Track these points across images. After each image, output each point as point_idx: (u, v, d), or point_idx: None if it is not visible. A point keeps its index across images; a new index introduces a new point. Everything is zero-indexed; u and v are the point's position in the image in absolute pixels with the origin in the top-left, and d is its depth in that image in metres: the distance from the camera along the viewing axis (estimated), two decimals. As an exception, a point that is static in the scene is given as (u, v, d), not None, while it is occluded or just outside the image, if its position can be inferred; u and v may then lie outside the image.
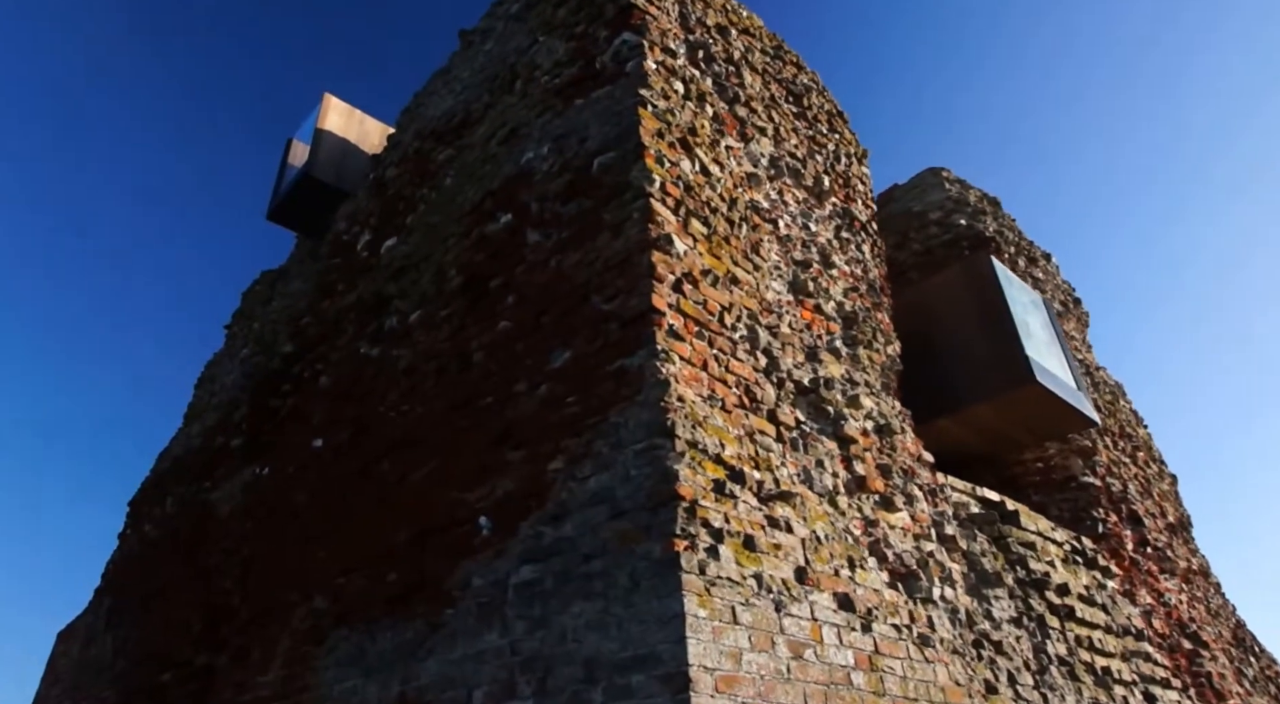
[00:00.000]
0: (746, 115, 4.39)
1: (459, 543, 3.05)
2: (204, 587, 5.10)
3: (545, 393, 3.15)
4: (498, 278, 3.71)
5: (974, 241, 7.15)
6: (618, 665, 2.01)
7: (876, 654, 2.44)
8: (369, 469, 3.86)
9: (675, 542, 2.18)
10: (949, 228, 7.32)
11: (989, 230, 7.29)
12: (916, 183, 7.99)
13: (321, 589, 3.68)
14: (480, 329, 3.66)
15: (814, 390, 3.50)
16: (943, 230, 7.33)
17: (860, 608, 2.53)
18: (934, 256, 7.14)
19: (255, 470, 5.21)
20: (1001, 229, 7.51)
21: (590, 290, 3.20)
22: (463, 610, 2.78)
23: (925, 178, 8.00)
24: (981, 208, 7.59)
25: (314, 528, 4.07)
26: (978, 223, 7.33)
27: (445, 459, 3.40)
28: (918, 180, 8.04)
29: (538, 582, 2.53)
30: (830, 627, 2.37)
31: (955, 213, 7.43)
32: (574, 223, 3.44)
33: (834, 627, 2.38)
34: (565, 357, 3.16)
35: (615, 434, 2.73)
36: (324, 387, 4.70)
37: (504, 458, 3.12)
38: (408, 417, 3.80)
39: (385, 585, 3.30)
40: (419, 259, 4.47)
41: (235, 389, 6.45)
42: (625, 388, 2.82)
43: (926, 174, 8.05)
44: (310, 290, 6.11)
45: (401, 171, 5.50)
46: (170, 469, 6.94)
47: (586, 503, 2.60)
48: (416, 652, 2.81)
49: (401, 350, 4.09)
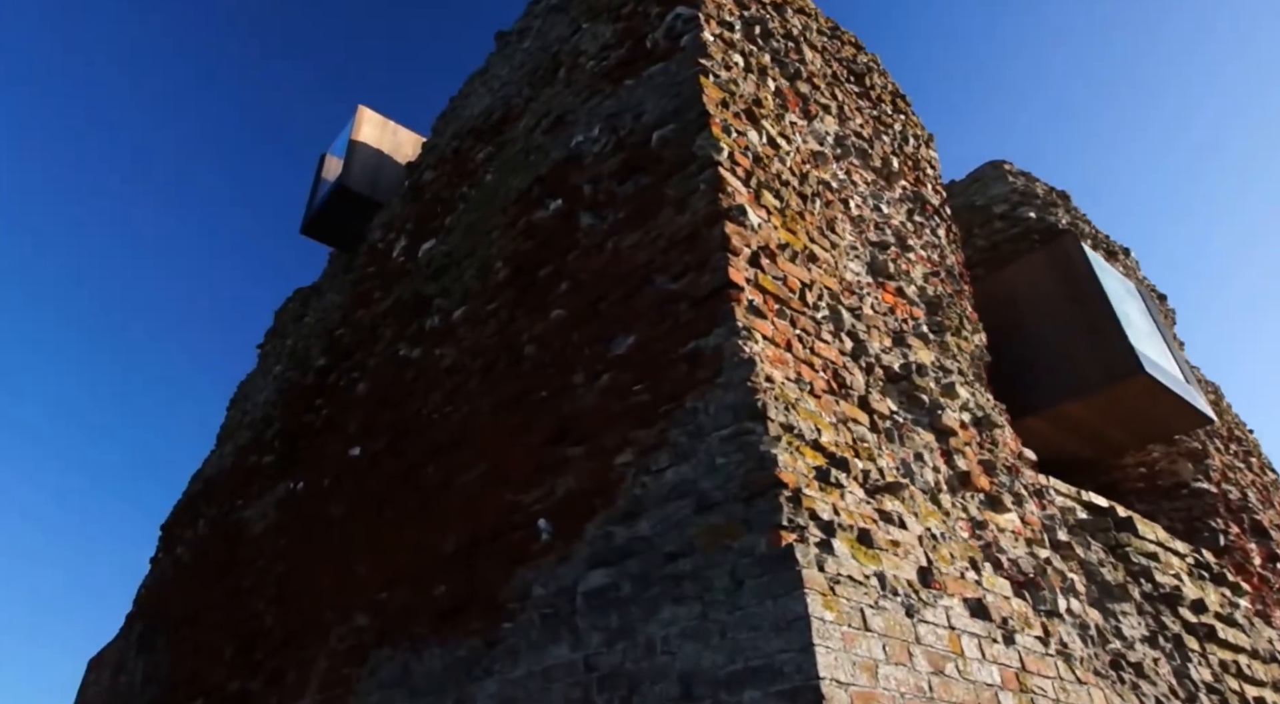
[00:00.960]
0: (809, 92, 4.17)
1: (514, 549, 2.80)
2: (236, 609, 4.91)
3: (607, 383, 2.91)
4: (548, 266, 3.51)
5: (1045, 235, 6.78)
6: (725, 681, 1.72)
7: (1024, 672, 2.10)
8: (411, 475, 3.65)
9: (781, 534, 1.90)
10: (1016, 221, 6.97)
11: (1062, 222, 6.93)
12: (976, 177, 7.67)
13: (361, 606, 3.45)
14: (531, 321, 3.45)
15: (905, 377, 3.20)
16: (1009, 224, 6.99)
17: (995, 616, 2.20)
18: (1000, 252, 6.79)
19: (289, 486, 5.05)
20: (1075, 221, 7.15)
21: (653, 270, 2.97)
22: (523, 624, 2.51)
23: (985, 171, 7.68)
24: (1052, 200, 7.24)
25: (352, 541, 3.85)
26: (1049, 215, 6.97)
27: (495, 460, 3.17)
28: (977, 174, 7.72)
29: (612, 588, 2.25)
30: (970, 637, 2.04)
31: (1022, 205, 7.08)
32: (632, 201, 3.23)
33: (973, 637, 2.05)
34: (628, 343, 2.93)
35: (693, 421, 2.47)
36: (361, 394, 4.53)
37: (563, 455, 2.88)
38: (452, 418, 3.59)
39: (432, 599, 3.05)
40: (460, 256, 4.30)
41: (268, 406, 6.35)
42: (701, 371, 2.57)
43: (986, 167, 7.73)
44: (344, 302, 6.01)
45: (439, 174, 5.39)
46: (202, 490, 6.84)
47: (665, 498, 2.33)
48: (471, 671, 2.54)
49: (445, 349, 3.90)
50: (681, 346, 2.70)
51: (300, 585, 4.18)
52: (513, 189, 4.07)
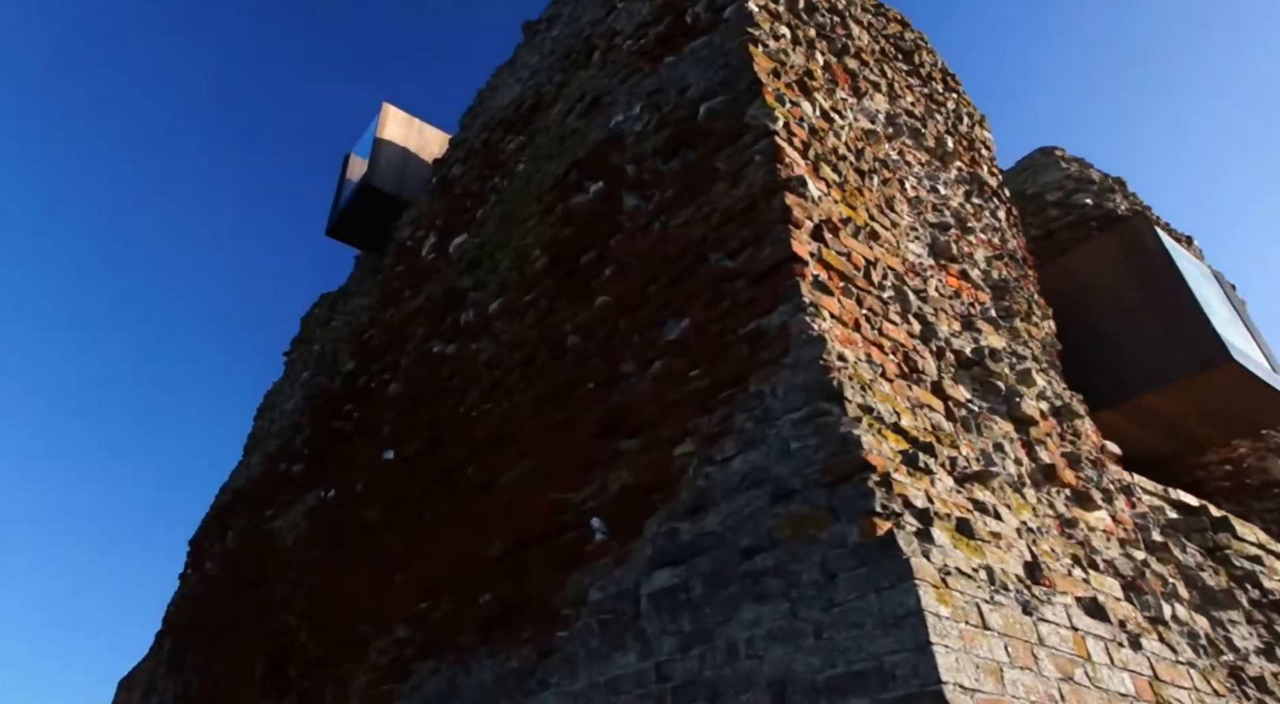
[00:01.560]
0: (857, 68, 4.01)
1: (566, 552, 2.66)
2: (267, 624, 4.82)
3: (660, 370, 2.76)
4: (590, 251, 3.38)
5: (1104, 221, 6.53)
6: (824, 688, 1.55)
7: (1158, 681, 1.89)
8: (449, 477, 3.53)
9: (875, 521, 1.73)
10: (1072, 208, 6.73)
11: (1120, 208, 6.67)
12: (1026, 165, 7.44)
13: (400, 617, 3.32)
14: (573, 310, 3.32)
15: (978, 362, 3.01)
16: (1064, 212, 6.75)
17: (1113, 619, 2.00)
18: (1056, 240, 6.54)
19: (319, 494, 4.96)
20: (1133, 208, 6.87)
21: (707, 248, 2.83)
22: (580, 631, 2.36)
23: (1035, 159, 7.45)
24: (1108, 185, 6.99)
25: (388, 549, 3.74)
26: (1106, 201, 6.72)
27: (541, 457, 3.04)
28: (1026, 162, 7.49)
29: (680, 588, 2.09)
30: (1094, 640, 1.85)
31: (1078, 192, 6.84)
32: (680, 178, 3.10)
33: (1098, 640, 1.86)
34: (681, 326, 2.78)
35: (760, 405, 2.31)
36: (393, 394, 4.43)
37: (615, 448, 2.74)
38: (492, 414, 3.47)
39: (477, 608, 2.91)
40: (494, 248, 4.20)
41: (296, 413, 6.30)
42: (765, 351, 2.41)
43: (1036, 155, 7.50)
44: (373, 303, 5.95)
45: (469, 167, 5.31)
46: (230, 502, 6.81)
47: (734, 489, 2.17)
48: (525, 683, 2.39)
49: (481, 343, 3.79)
50: (742, 327, 2.55)
51: (334, 597, 4.08)
52: (548, 175, 3.97)
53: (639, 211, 3.24)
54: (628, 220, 3.29)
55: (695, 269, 2.84)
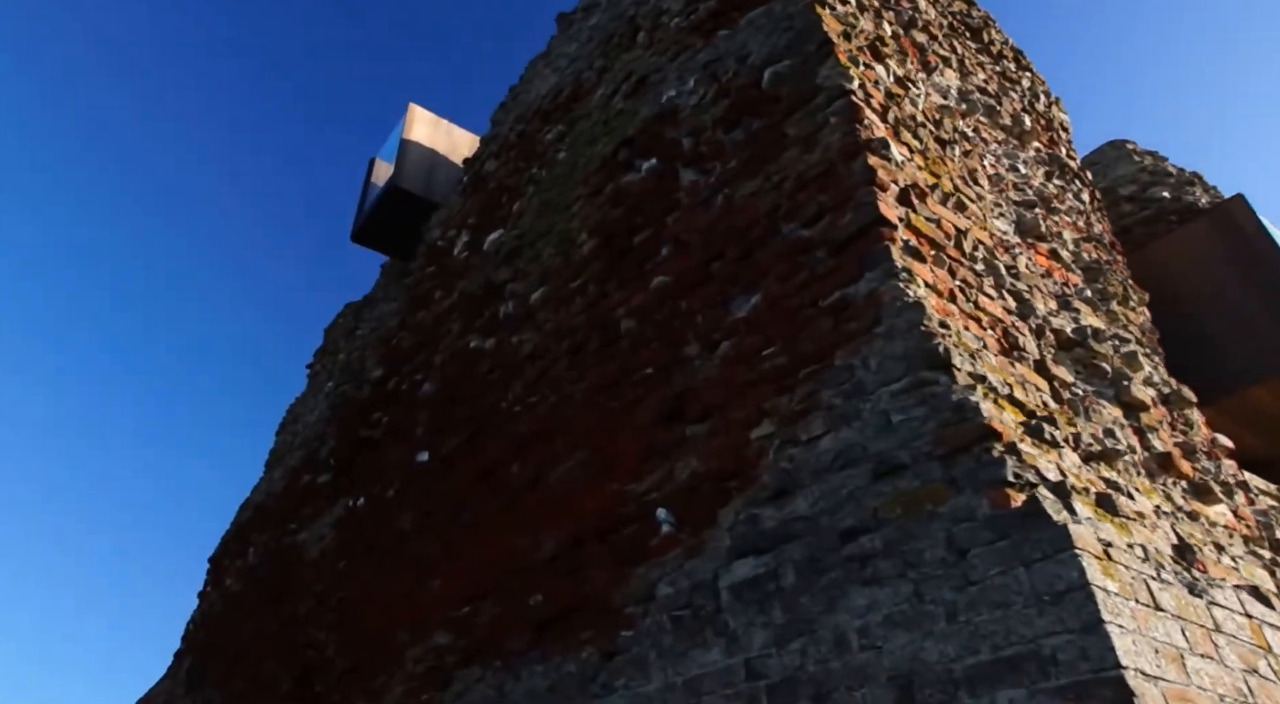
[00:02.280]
0: (926, 42, 3.89)
1: (628, 546, 2.50)
2: (292, 639, 4.71)
3: (729, 350, 2.62)
4: (644, 231, 3.27)
5: (1183, 215, 6.29)
6: (963, 678, 1.37)
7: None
8: (491, 476, 3.40)
9: (1008, 492, 1.56)
10: (1147, 202, 6.50)
11: (1201, 202, 6.43)
12: (1095, 159, 7.23)
13: (439, 624, 3.18)
14: (626, 293, 3.20)
15: (1080, 343, 2.83)
16: (1139, 206, 6.52)
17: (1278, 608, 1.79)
18: (1132, 236, 6.30)
19: (347, 504, 4.87)
20: (1214, 202, 6.62)
21: (778, 219, 2.70)
22: (649, 629, 2.20)
23: (1105, 152, 7.24)
24: (1187, 179, 6.74)
25: (424, 554, 3.61)
26: (1185, 195, 6.48)
27: (595, 449, 2.90)
28: (1096, 156, 7.28)
29: (768, 577, 1.93)
30: (1271, 630, 1.64)
31: (1154, 185, 6.61)
32: (745, 148, 2.98)
33: (1274, 629, 1.65)
34: (752, 303, 2.64)
35: (849, 379, 2.16)
36: (427, 394, 4.34)
37: (679, 435, 2.59)
38: (538, 408, 3.35)
39: (527, 610, 2.76)
40: (534, 238, 4.11)
41: (321, 424, 6.25)
42: (853, 322, 2.26)
43: (1106, 148, 7.29)
44: (402, 307, 5.91)
45: (503, 161, 5.27)
46: (252, 517, 6.75)
47: (826, 468, 2.01)
48: (587, 688, 2.23)
49: (524, 335, 3.68)
50: (823, 298, 2.40)
51: (366, 608, 3.95)
52: (595, 157, 3.88)
53: (698, 186, 3.13)
54: (685, 196, 3.18)
55: (766, 241, 2.71)
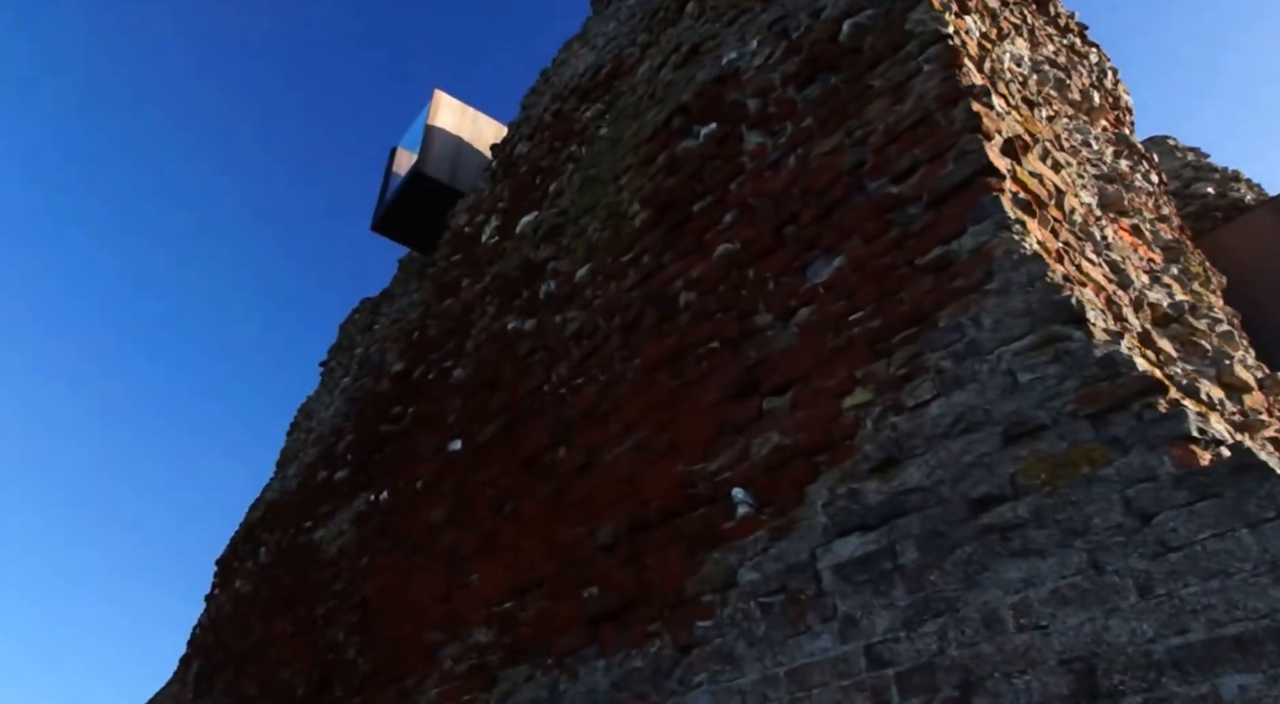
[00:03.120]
0: (997, 7, 3.71)
1: (699, 531, 2.28)
2: (309, 641, 4.47)
3: (810, 317, 2.41)
4: (705, 198, 3.07)
5: (1229, 211, 6.10)
6: (1172, 660, 1.15)
7: None
8: (535, 462, 3.18)
9: (1195, 450, 1.35)
10: (1192, 198, 6.32)
11: (1247, 198, 6.24)
12: (1134, 154, 7.05)
13: (479, 620, 2.95)
14: (685, 264, 3.00)
15: (1176, 319, 2.61)
16: (1184, 203, 6.33)
17: None
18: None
19: (369, 498, 4.64)
20: (1260, 198, 6.43)
21: (862, 177, 2.50)
22: (733, 618, 1.97)
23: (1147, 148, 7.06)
24: (1230, 175, 6.56)
25: (459, 547, 3.38)
26: (1230, 190, 6.30)
27: (656, 429, 2.68)
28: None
29: (882, 556, 1.71)
30: None
31: (1198, 181, 6.43)
32: (822, 104, 2.78)
33: None
34: (834, 266, 2.44)
35: (958, 339, 1.94)
36: (459, 380, 4.12)
37: (754, 410, 2.37)
38: (586, 389, 3.13)
39: (580, 603, 2.53)
40: (578, 214, 3.92)
41: (337, 419, 6.03)
42: (958, 279, 2.05)
43: (1147, 144, 7.11)
44: (425, 297, 5.71)
45: (537, 142, 5.09)
46: (263, 517, 6.52)
47: (942, 435, 1.79)
48: (662, 684, 2.00)
49: (568, 313, 3.47)
50: (919, 256, 2.19)
51: (391, 606, 3.72)
52: (646, 126, 3.69)
53: (765, 149, 2.94)
54: (751, 160, 2.98)
55: (848, 201, 2.51)
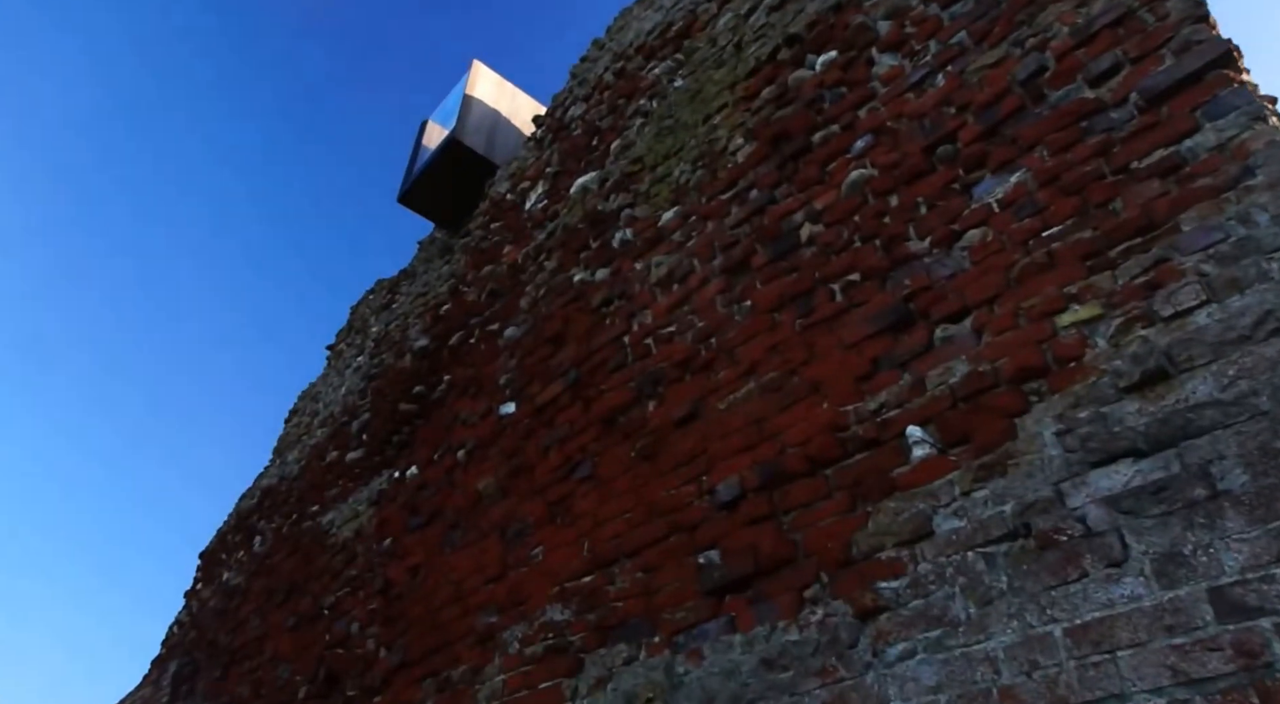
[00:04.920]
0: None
1: (863, 478, 1.90)
2: (315, 634, 3.98)
3: (981, 239, 2.07)
4: (827, 127, 2.74)
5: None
6: None
7: None
8: (617, 418, 2.79)
9: None
10: None
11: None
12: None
13: (552, 597, 2.52)
14: (805, 196, 2.65)
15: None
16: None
17: None
18: None
19: (393, 475, 4.20)
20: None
21: (1041, 86, 2.18)
22: (938, 573, 1.58)
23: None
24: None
25: (517, 518, 2.96)
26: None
27: (785, 371, 2.31)
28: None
29: (1184, 483, 1.33)
30: None
31: None
32: (978, 18, 2.48)
33: None
34: (1011, 182, 2.10)
35: (1220, 240, 1.60)
36: (512, 340, 3.73)
37: (920, 341, 2.01)
38: (680, 337, 2.76)
39: (694, 572, 2.13)
40: (655, 161, 3.58)
41: (352, 396, 5.59)
42: (1201, 179, 1.72)
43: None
44: (456, 270, 5.33)
45: (595, 103, 4.78)
46: (258, 504, 6.02)
47: (1230, 342, 1.44)
48: (849, 656, 1.60)
49: (653, 258, 3.11)
50: (1136, 160, 1.86)
51: (425, 590, 3.27)
52: (743, 63, 3.37)
53: (903, 71, 2.62)
54: (883, 84, 2.66)
55: (1023, 113, 2.19)
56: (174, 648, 5.91)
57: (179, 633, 5.98)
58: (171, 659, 5.61)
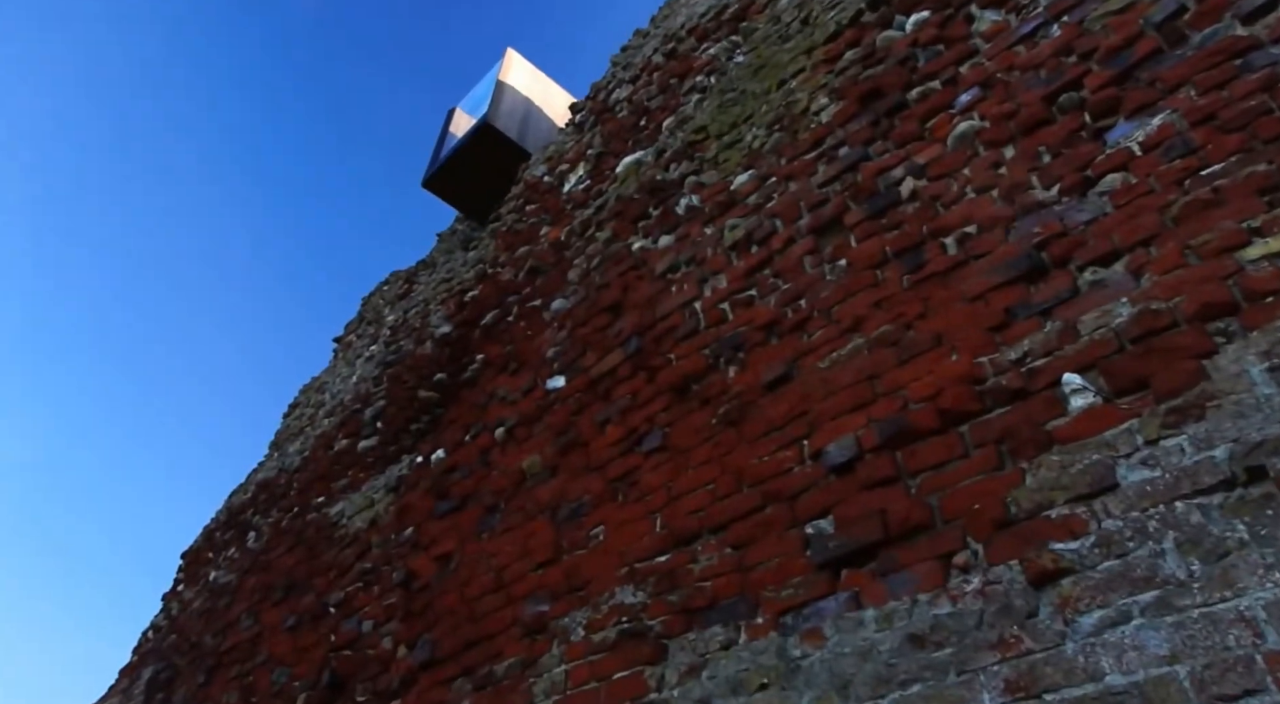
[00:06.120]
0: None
1: (1011, 430, 1.71)
2: (319, 634, 3.70)
3: (1123, 183, 1.92)
4: (925, 83, 2.61)
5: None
6: None
7: None
8: (687, 388, 2.59)
9: None
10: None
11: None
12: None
13: (620, 580, 2.30)
14: (904, 151, 2.51)
15: None
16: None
17: None
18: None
19: (415, 459, 3.97)
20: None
21: (1180, 27, 2.05)
22: (1138, 529, 1.39)
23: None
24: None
25: (567, 497, 2.74)
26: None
27: (898, 325, 2.13)
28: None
29: None
30: None
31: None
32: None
33: None
34: (1153, 125, 1.96)
35: None
36: (560, 311, 3.54)
37: (1063, 287, 1.85)
38: (762, 300, 2.58)
39: (799, 543, 1.92)
40: (721, 131, 3.44)
41: (366, 384, 5.36)
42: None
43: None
44: (484, 255, 5.16)
45: (644, 84, 4.67)
46: (253, 497, 5.73)
47: None
48: (1033, 625, 1.40)
49: (726, 222, 2.94)
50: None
51: (458, 580, 3.03)
52: (825, 25, 3.25)
53: (1007, 25, 2.50)
54: (986, 40, 2.54)
55: (1160, 55, 2.06)
56: (148, 654, 5.55)
57: (154, 638, 5.63)
58: (145, 666, 5.26)
